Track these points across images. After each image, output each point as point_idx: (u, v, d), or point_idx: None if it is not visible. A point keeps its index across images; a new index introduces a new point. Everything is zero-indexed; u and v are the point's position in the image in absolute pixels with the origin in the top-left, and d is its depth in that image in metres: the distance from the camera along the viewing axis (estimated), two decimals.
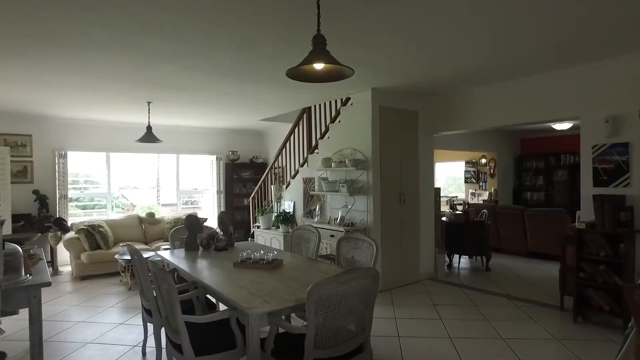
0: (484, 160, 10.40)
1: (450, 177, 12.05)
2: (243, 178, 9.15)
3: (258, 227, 6.85)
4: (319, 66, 2.29)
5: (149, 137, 5.73)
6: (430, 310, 4.43)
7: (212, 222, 7.86)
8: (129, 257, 5.54)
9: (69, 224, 6.62)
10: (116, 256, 5.63)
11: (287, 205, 6.83)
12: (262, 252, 3.31)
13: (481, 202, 9.95)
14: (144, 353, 3.38)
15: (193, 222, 4.00)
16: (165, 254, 3.77)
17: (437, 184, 6.15)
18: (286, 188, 7.01)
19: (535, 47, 3.67)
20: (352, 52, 3.66)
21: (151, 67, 4.07)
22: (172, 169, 8.55)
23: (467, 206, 8.58)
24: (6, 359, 3.33)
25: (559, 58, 4.03)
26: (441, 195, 6.37)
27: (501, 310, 4.40)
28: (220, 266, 3.26)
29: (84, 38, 3.26)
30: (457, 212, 7.23)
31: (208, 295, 3.17)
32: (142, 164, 8.27)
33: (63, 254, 6.48)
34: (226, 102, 5.92)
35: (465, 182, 10.94)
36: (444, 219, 6.67)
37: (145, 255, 5.41)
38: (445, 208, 8.36)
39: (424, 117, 5.80)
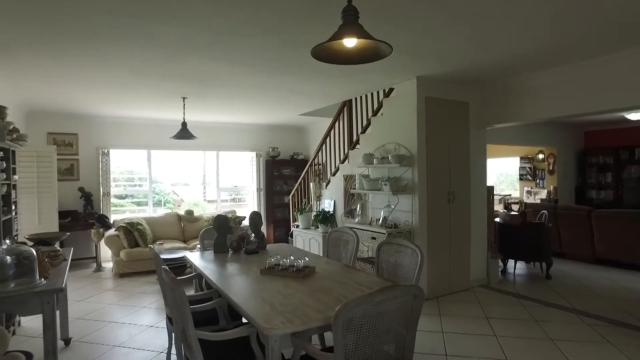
0: (541, 156, 9.55)
1: (501, 174, 11.24)
2: (284, 175, 8.94)
3: (297, 226, 6.60)
4: (350, 43, 1.92)
5: (183, 133, 5.61)
6: (482, 324, 3.95)
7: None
8: (165, 256, 5.45)
9: (111, 221, 6.68)
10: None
11: (327, 204, 6.52)
12: (292, 257, 3.00)
13: (538, 201, 9.14)
14: None
15: (222, 223, 3.77)
16: (193, 257, 3.57)
17: (488, 182, 5.59)
18: (326, 186, 6.71)
19: (608, 21, 3.09)
20: (392, 36, 3.25)
21: (178, 59, 3.87)
22: (213, 166, 8.52)
23: (523, 206, 7.86)
24: None
25: (635, 35, 3.40)
26: (494, 194, 5.79)
27: (568, 329, 3.81)
28: (247, 272, 2.99)
29: (107, 29, 3.10)
30: (513, 212, 6.59)
31: None
32: (189, 161, 8.37)
33: (106, 251, 6.53)
34: (263, 96, 5.68)
35: (520, 179, 10.12)
36: (497, 220, 6.08)
37: (181, 254, 5.31)
38: (498, 208, 7.70)
39: (475, 108, 5.26)
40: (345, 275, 2.88)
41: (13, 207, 4.07)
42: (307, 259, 3.01)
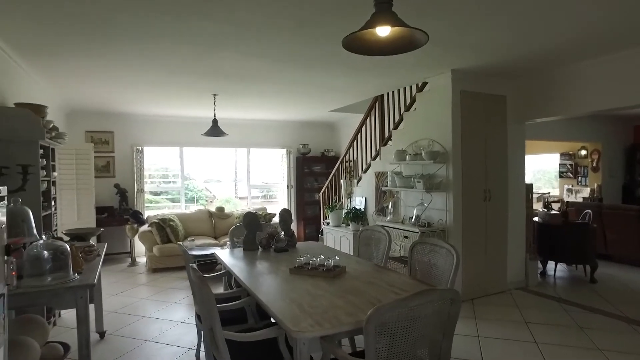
0: (584, 152, 9.06)
1: (538, 170, 10.76)
2: (314, 172, 8.89)
3: (327, 224, 6.53)
4: (383, 32, 1.82)
5: (214, 130, 5.64)
6: (521, 329, 3.75)
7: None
8: (195, 253, 5.51)
9: (144, 217, 6.82)
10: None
11: (358, 202, 6.42)
12: (322, 256, 2.93)
13: (580, 199, 8.68)
14: (197, 358, 3.19)
15: (251, 221, 3.75)
16: (222, 254, 3.56)
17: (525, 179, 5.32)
18: (357, 183, 6.60)
19: None
20: (426, 27, 3.06)
21: (209, 55, 3.86)
22: (244, 163, 8.59)
23: (565, 205, 7.47)
24: (70, 352, 3.35)
25: None
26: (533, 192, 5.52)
27: (620, 339, 3.52)
28: (276, 271, 2.94)
29: (143, 28, 3.12)
30: (553, 211, 6.27)
31: None
32: (222, 158, 8.52)
33: (140, 246, 6.68)
34: (293, 92, 5.63)
35: (560, 176, 9.65)
36: (536, 219, 5.79)
37: (212, 251, 5.34)
38: (537, 206, 7.36)
39: (513, 102, 5.01)
40: (377, 275, 2.78)
41: (53, 203, 4.19)
42: (337, 258, 2.93)
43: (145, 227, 6.43)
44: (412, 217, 4.87)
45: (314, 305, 2.13)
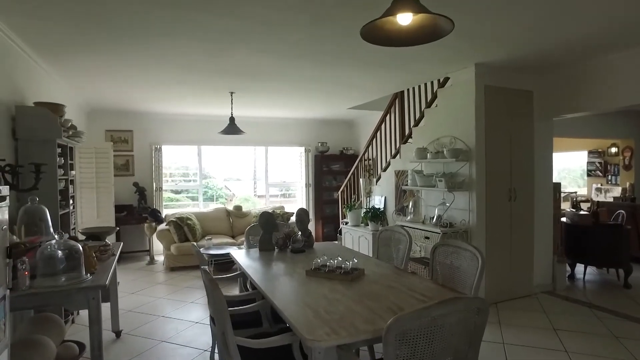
0: (614, 149, 8.69)
1: (563, 169, 10.39)
2: (333, 170, 8.77)
3: (346, 223, 6.41)
4: (404, 20, 1.69)
5: (231, 128, 5.59)
6: (549, 337, 3.55)
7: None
8: (212, 252, 5.47)
9: (163, 216, 6.83)
10: (201, 250, 5.59)
11: (377, 201, 6.28)
12: (339, 258, 2.82)
13: (610, 199, 8.31)
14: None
15: (268, 220, 3.66)
16: (238, 254, 3.48)
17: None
18: (376, 182, 6.46)
19: None
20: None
21: (226, 52, 3.79)
22: (262, 161, 8.54)
23: (595, 205, 7.16)
24: (85, 351, 3.33)
25: None
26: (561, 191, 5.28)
27: None
28: (292, 273, 2.84)
29: (157, 24, 3.07)
30: (582, 212, 6.00)
31: None
32: (240, 157, 8.53)
33: (158, 244, 6.69)
34: (311, 89, 5.53)
35: (588, 175, 9.29)
36: (564, 220, 5.54)
37: (229, 250, 5.29)
38: (565, 206, 7.07)
39: (540, 97, 4.79)
40: (397, 279, 2.65)
41: (71, 202, 4.20)
42: (355, 260, 2.81)
43: (163, 226, 6.43)
44: (433, 217, 4.71)
45: (331, 311, 2.02)
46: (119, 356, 3.34)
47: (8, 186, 1.83)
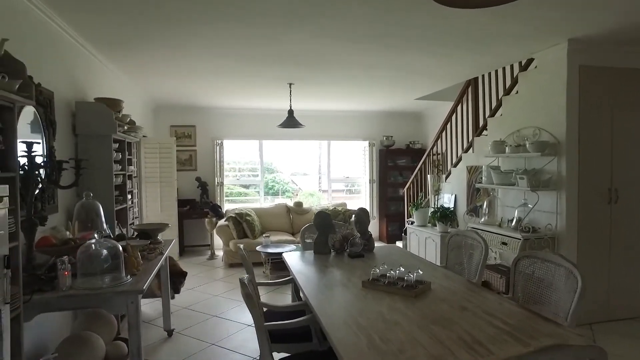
0: None
1: None
2: (399, 165, 8.28)
3: (412, 222, 5.95)
4: None
5: (290, 121, 5.36)
6: None
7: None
8: (270, 250, 5.30)
9: (223, 211, 6.82)
10: (258, 248, 5.45)
11: (446, 199, 5.75)
12: (401, 268, 2.43)
13: None
14: None
15: (323, 221, 3.35)
16: (290, 258, 3.22)
17: None
18: (446, 178, 5.92)
19: None
20: None
21: (280, 37, 3.52)
22: (325, 156, 8.31)
23: None
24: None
25: None
26: None
27: None
28: (347, 283, 2.51)
29: (211, 9, 2.88)
30: None
31: None
32: (304, 151, 8.44)
33: (219, 239, 6.69)
34: (374, 78, 5.13)
35: None
36: None
37: (287, 248, 5.09)
38: None
39: None
40: (470, 297, 2.22)
41: (129, 197, 4.20)
42: (420, 272, 2.41)
43: (222, 221, 6.40)
44: (511, 220, 4.12)
45: (388, 339, 1.66)
46: (168, 356, 3.26)
47: (7, 186, 1.68)
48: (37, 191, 2.57)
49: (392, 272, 2.43)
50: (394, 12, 2.97)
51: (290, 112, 5.46)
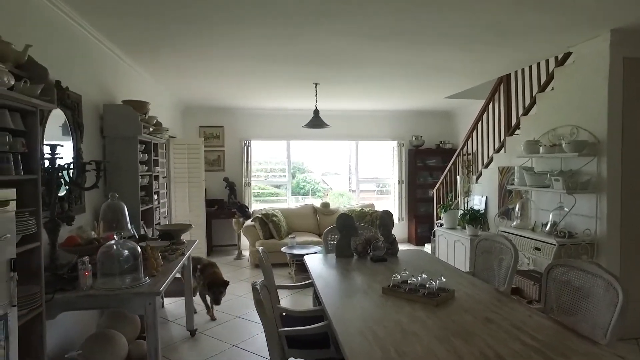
0: None
1: None
2: (428, 166, 8.07)
3: (441, 225, 5.77)
4: None
5: (316, 121, 5.31)
6: None
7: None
8: (295, 251, 5.27)
9: (250, 211, 6.85)
10: (283, 249, 5.42)
11: (476, 201, 5.54)
12: (424, 275, 2.33)
13: None
14: None
15: (345, 223, 3.28)
16: (311, 261, 3.17)
17: None
18: (476, 180, 5.71)
19: None
20: None
21: (302, 36, 3.46)
22: (353, 156, 8.23)
23: None
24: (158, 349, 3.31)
25: None
26: None
27: None
28: (367, 289, 2.43)
29: (226, 9, 2.86)
30: None
31: None
32: (333, 152, 8.43)
33: (246, 240, 6.72)
34: (403, 76, 4.99)
35: None
36: None
37: (313, 250, 5.04)
38: None
39: None
40: (497, 307, 2.08)
41: (155, 197, 4.27)
42: (443, 279, 2.30)
43: (249, 222, 6.42)
44: (546, 224, 3.90)
45: (403, 352, 1.57)
46: (188, 356, 3.27)
47: (14, 189, 1.70)
48: (64, 192, 2.64)
49: (413, 278, 2.33)
50: (422, 7, 2.85)
51: (316, 112, 5.41)
